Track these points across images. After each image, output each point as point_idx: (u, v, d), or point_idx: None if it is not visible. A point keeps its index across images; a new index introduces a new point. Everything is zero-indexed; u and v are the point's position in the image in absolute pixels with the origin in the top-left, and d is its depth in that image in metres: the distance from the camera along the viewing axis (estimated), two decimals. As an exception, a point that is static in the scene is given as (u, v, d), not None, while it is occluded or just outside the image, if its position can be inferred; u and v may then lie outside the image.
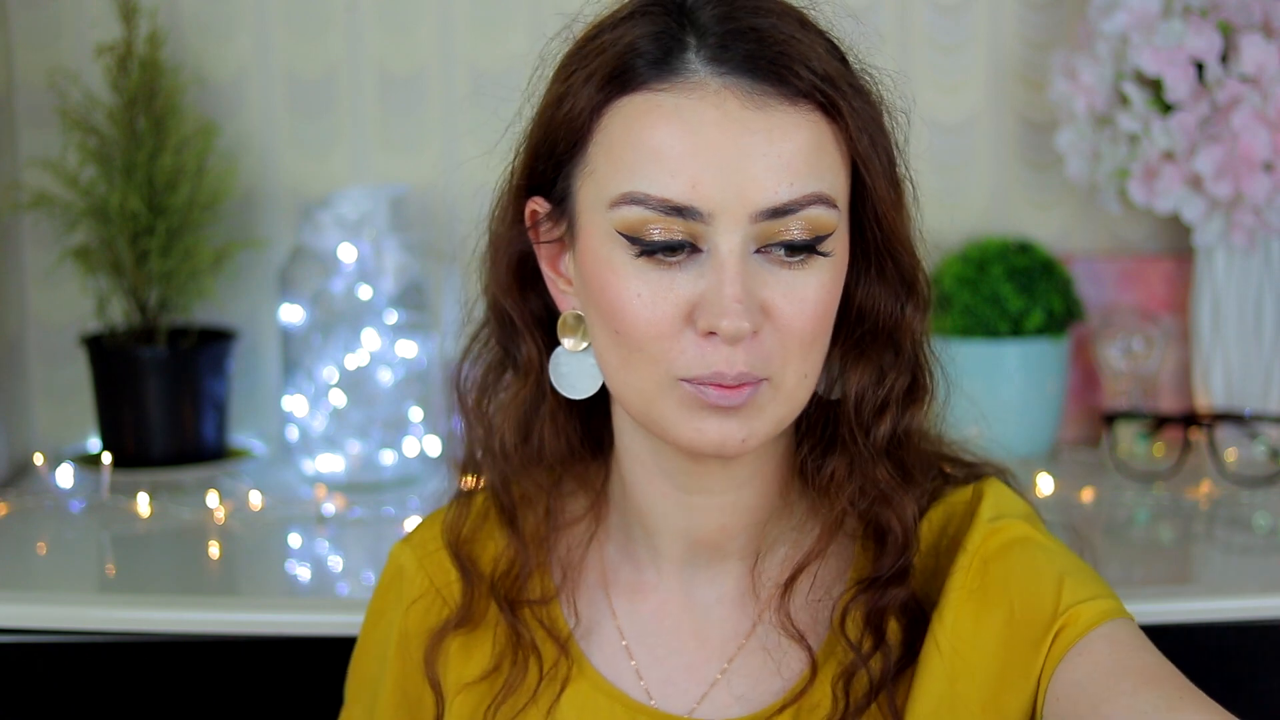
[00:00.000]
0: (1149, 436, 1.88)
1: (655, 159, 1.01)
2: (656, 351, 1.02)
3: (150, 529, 1.73)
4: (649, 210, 1.01)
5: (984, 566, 1.07)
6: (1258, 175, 1.75)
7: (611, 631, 1.15)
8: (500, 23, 2.00)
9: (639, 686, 1.13)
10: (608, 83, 1.03)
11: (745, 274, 1.01)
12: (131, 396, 1.89)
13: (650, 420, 1.05)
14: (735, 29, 1.02)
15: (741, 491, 1.11)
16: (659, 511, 1.12)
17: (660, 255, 1.02)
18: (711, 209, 1.00)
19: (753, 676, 1.12)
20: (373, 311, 1.87)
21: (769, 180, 1.00)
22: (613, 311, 1.03)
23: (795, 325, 1.02)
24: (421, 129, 2.01)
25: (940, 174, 2.02)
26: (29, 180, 1.95)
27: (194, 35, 1.99)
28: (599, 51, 1.04)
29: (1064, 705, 1.00)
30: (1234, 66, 1.77)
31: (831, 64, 1.03)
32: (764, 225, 1.01)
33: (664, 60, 1.02)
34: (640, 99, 1.02)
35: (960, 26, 2.02)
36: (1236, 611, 1.48)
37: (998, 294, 1.88)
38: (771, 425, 1.05)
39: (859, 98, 1.04)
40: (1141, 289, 2.00)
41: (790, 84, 1.01)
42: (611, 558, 1.16)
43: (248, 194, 2.01)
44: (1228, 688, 1.46)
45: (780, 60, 1.01)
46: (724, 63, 1.01)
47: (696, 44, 1.02)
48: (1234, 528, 1.70)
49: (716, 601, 1.13)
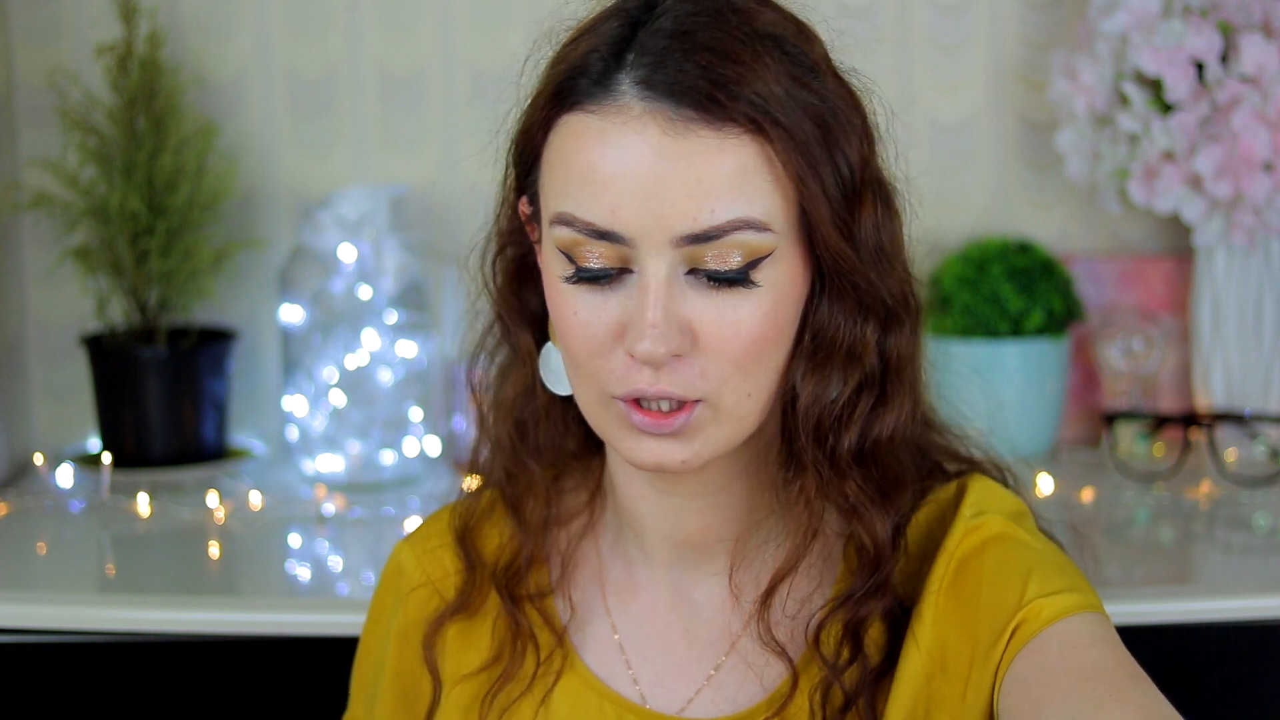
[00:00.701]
0: (1149, 436, 1.88)
1: (583, 182, 1.01)
2: (592, 369, 1.03)
3: (150, 529, 1.73)
4: (577, 233, 1.01)
5: (961, 565, 1.07)
6: (1258, 175, 1.75)
7: (605, 628, 1.15)
8: (500, 23, 2.00)
9: (631, 685, 1.14)
10: (553, 99, 1.03)
11: (669, 298, 1.00)
12: (131, 396, 1.89)
13: (600, 434, 1.07)
14: (672, 48, 1.00)
15: (719, 495, 1.11)
16: (643, 512, 1.13)
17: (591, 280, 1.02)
18: (633, 234, 1.00)
19: (738, 680, 1.12)
20: (373, 311, 1.87)
21: (689, 206, 0.99)
22: (558, 325, 1.05)
23: (726, 349, 1.01)
24: (421, 129, 2.01)
25: (940, 174, 2.02)
26: (29, 180, 1.95)
27: (194, 35, 1.99)
28: (560, 60, 1.05)
29: (1012, 702, 1.00)
30: (1234, 66, 1.77)
31: (775, 85, 1.00)
32: (690, 250, 1.00)
33: (600, 80, 1.01)
34: (575, 119, 1.02)
35: (960, 26, 2.02)
36: (1236, 611, 1.48)
37: (998, 294, 1.88)
38: (716, 445, 1.04)
39: (798, 115, 1.01)
40: (1141, 289, 2.00)
41: (715, 110, 0.99)
42: (606, 555, 1.17)
43: (248, 194, 2.01)
44: (1228, 688, 1.46)
45: (706, 87, 0.99)
46: (651, 86, 1.00)
47: (632, 63, 1.01)
48: (1234, 528, 1.70)
49: (705, 602, 1.14)
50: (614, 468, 1.13)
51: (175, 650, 1.50)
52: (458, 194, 1.16)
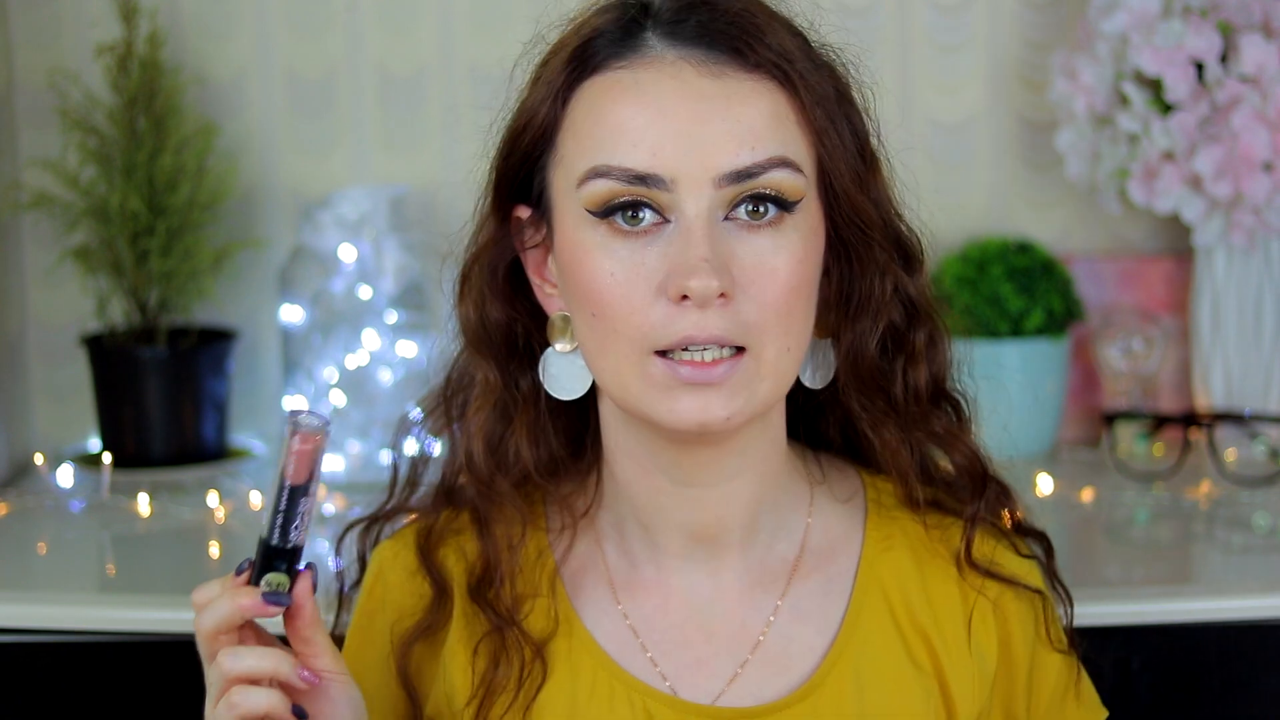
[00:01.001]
0: (1149, 436, 1.88)
1: (618, 133, 1.03)
2: (631, 327, 1.03)
3: (150, 529, 1.73)
4: (614, 181, 1.03)
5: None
6: (1257, 175, 1.75)
7: (624, 629, 1.14)
8: (500, 23, 2.00)
9: (661, 681, 1.13)
10: (571, 68, 1.06)
11: (713, 237, 1.02)
12: (132, 396, 1.89)
13: (630, 403, 1.06)
14: (694, 3, 1.06)
15: (733, 484, 1.11)
16: (655, 506, 1.12)
17: (624, 223, 1.03)
18: (674, 175, 1.02)
19: (765, 674, 1.12)
20: (373, 311, 1.87)
21: (729, 144, 1.02)
22: (588, 292, 1.05)
23: (768, 292, 1.03)
24: (421, 129, 2.01)
25: (940, 174, 2.02)
26: (29, 180, 1.95)
27: (194, 35, 1.99)
28: (561, 48, 1.08)
29: None
30: (1234, 66, 1.77)
31: (788, 40, 1.06)
32: (729, 190, 1.03)
33: (622, 40, 1.06)
34: (601, 79, 1.05)
35: (960, 27, 2.02)
36: (1237, 611, 1.48)
37: (998, 294, 1.88)
38: (757, 403, 1.05)
39: (816, 73, 1.06)
40: (1141, 289, 2.00)
41: (745, 55, 1.04)
42: (611, 557, 1.16)
43: (248, 194, 2.00)
44: (1229, 688, 1.46)
45: (733, 32, 1.04)
46: (678, 36, 1.05)
47: (652, 23, 1.06)
48: (1234, 528, 1.70)
49: (717, 594, 1.14)
50: (621, 464, 1.13)
51: (175, 650, 1.50)
52: (458, 194, 1.16)
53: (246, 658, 1.03)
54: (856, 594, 1.14)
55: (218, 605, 1.03)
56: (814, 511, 1.16)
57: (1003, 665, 1.14)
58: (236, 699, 1.02)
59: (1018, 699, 1.15)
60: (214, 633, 1.03)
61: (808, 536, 1.15)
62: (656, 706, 1.11)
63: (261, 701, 1.02)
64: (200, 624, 1.04)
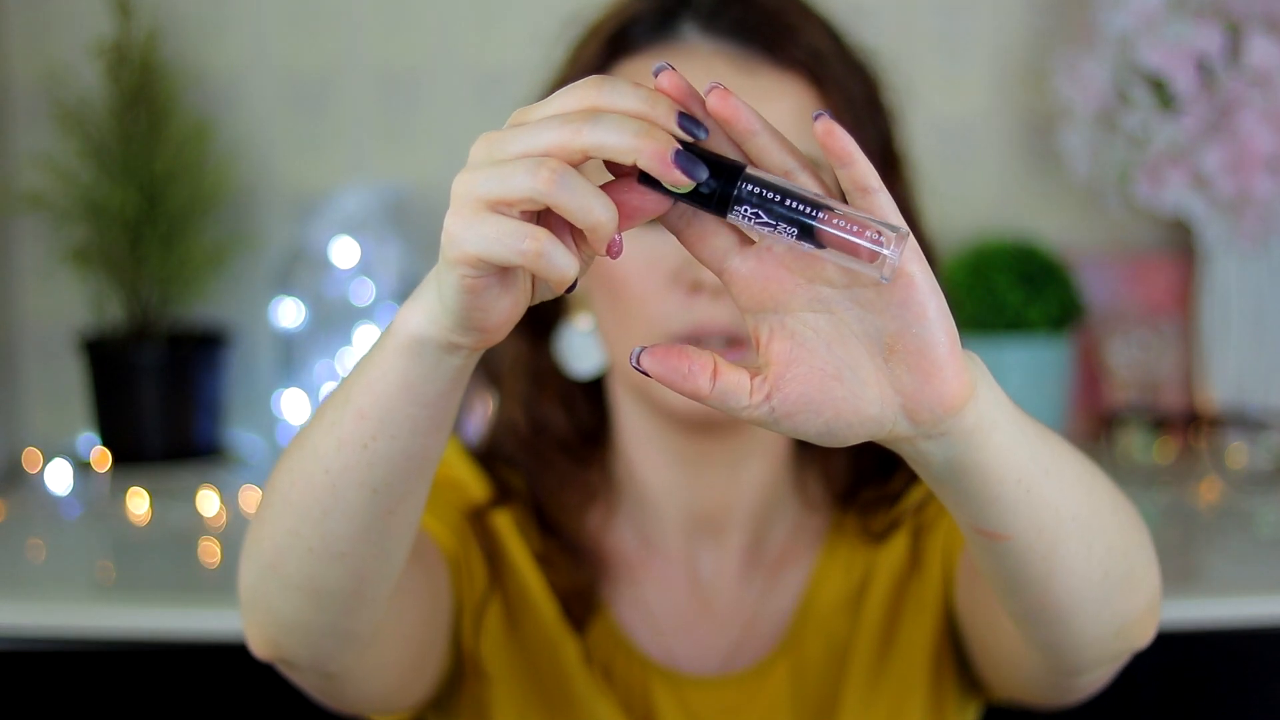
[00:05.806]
0: (1152, 436, 1.88)
1: None
2: (646, 314, 1.05)
3: (146, 528, 1.72)
4: None
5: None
6: (1263, 174, 1.74)
7: (634, 606, 1.15)
8: (500, 22, 1.99)
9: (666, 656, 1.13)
10: (607, 48, 1.07)
11: None
12: (128, 396, 1.88)
13: (644, 388, 1.08)
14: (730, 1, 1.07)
15: (739, 469, 1.13)
16: (662, 489, 1.14)
17: None
18: None
19: (757, 649, 1.13)
20: (370, 310, 1.87)
21: None
22: (606, 276, 1.06)
23: None
24: (421, 128, 2.01)
25: (944, 174, 2.01)
26: (26, 179, 1.95)
27: (191, 33, 1.99)
28: (599, 30, 1.09)
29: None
30: (1239, 66, 1.76)
31: (823, 40, 1.07)
32: None
33: (659, 27, 1.07)
34: (634, 63, 1.06)
35: (963, 26, 2.02)
36: (1240, 613, 1.47)
37: (1001, 294, 1.87)
38: None
39: (849, 75, 1.07)
40: (1145, 289, 1.99)
41: (777, 53, 1.05)
42: (622, 535, 1.17)
43: (245, 193, 2.00)
44: (1230, 689, 1.46)
45: (769, 30, 1.05)
46: (715, 29, 1.06)
47: (690, 13, 1.07)
48: (1237, 528, 1.69)
49: (718, 576, 1.15)
50: (632, 446, 1.14)
51: (174, 651, 1.49)
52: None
53: (621, 98, 0.71)
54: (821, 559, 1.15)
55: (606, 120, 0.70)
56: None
57: (927, 561, 1.14)
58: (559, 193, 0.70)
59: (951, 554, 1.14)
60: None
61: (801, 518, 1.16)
62: (656, 680, 1.12)
63: (566, 260, 0.73)
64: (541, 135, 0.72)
